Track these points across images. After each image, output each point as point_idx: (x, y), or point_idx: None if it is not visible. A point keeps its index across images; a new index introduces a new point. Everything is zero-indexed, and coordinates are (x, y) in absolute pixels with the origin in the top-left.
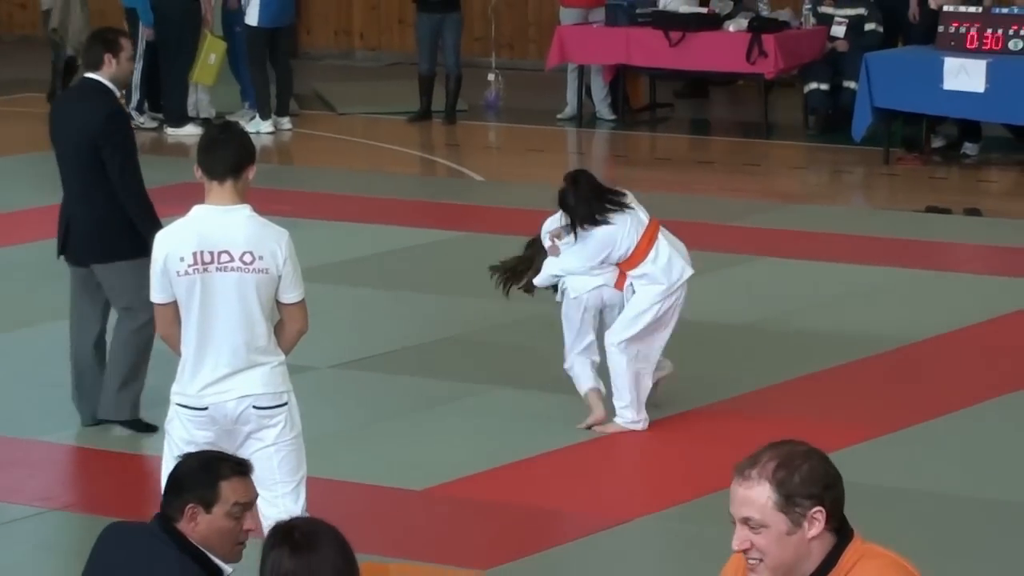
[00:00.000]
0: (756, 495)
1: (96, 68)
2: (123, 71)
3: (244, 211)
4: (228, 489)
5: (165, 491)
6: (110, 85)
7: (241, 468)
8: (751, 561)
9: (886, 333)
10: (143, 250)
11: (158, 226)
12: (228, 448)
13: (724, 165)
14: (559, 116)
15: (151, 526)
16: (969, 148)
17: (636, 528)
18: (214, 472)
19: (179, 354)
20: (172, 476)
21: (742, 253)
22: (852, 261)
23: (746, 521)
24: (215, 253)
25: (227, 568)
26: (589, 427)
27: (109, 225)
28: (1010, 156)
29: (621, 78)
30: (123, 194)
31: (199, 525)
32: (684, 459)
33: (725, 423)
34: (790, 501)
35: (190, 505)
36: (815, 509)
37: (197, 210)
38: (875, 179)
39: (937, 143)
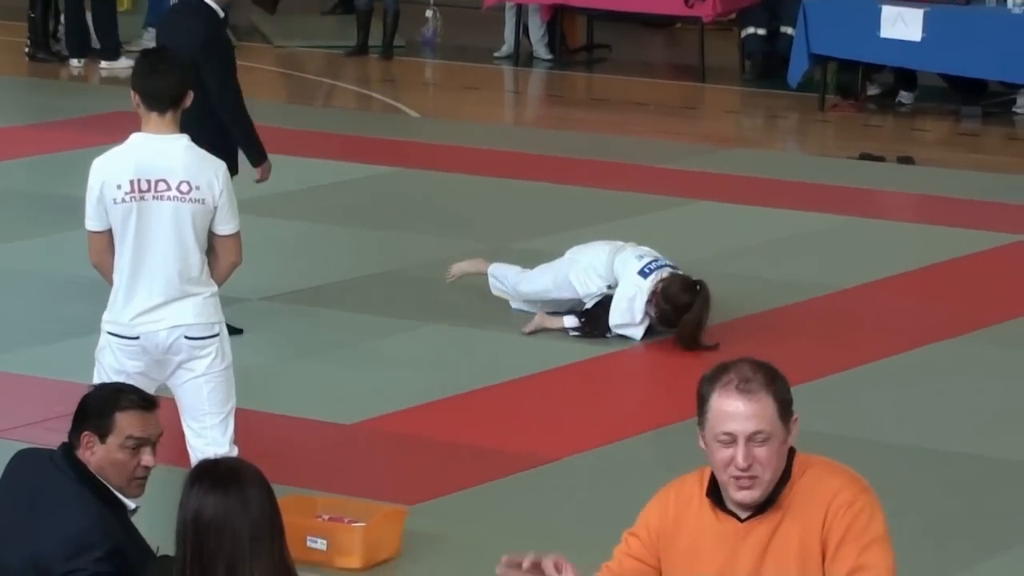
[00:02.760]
0: (764, 407)
1: None
2: None
3: (182, 140)
4: (124, 421)
5: (73, 418)
6: (214, 6)
7: (144, 403)
8: (747, 479)
9: (816, 279)
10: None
11: (258, 148)
12: (158, 378)
13: (660, 107)
14: (496, 54)
15: (55, 454)
16: (904, 97)
17: (566, 466)
18: (112, 403)
19: (111, 283)
20: (80, 404)
21: (676, 196)
22: (785, 206)
23: (754, 436)
24: (152, 182)
25: (129, 503)
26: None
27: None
28: (944, 106)
29: (558, 17)
30: (226, 116)
31: (95, 455)
32: (616, 399)
33: (656, 366)
34: (786, 409)
35: (86, 433)
36: (795, 415)
37: (135, 138)
38: (810, 125)
39: (872, 91)
